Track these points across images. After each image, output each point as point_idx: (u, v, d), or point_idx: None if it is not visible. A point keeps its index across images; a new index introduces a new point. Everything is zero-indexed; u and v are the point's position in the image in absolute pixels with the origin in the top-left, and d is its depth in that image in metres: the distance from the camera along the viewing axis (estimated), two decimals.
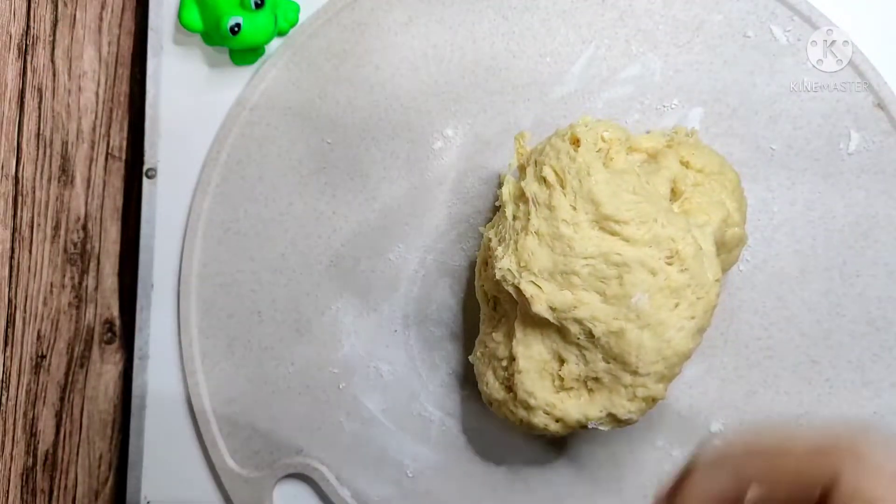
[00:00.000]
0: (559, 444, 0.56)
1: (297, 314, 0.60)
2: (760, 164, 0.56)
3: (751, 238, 0.55)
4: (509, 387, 0.52)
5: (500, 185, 0.54)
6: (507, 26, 0.58)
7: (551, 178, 0.49)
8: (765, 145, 0.56)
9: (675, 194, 0.51)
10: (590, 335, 0.49)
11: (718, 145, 0.56)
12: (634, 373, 0.48)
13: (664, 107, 0.57)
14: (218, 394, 0.60)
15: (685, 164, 0.51)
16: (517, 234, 0.50)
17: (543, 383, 0.50)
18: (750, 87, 0.56)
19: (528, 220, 0.49)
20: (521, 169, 0.53)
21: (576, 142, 0.50)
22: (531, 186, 0.50)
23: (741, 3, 0.56)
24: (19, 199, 0.54)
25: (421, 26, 0.59)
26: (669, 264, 0.48)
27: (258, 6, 0.56)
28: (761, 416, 0.55)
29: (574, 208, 0.48)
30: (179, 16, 0.58)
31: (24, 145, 0.54)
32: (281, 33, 0.60)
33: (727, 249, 0.51)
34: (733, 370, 0.56)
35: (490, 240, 0.52)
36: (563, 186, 0.49)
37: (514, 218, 0.51)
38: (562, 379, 0.50)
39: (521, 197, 0.51)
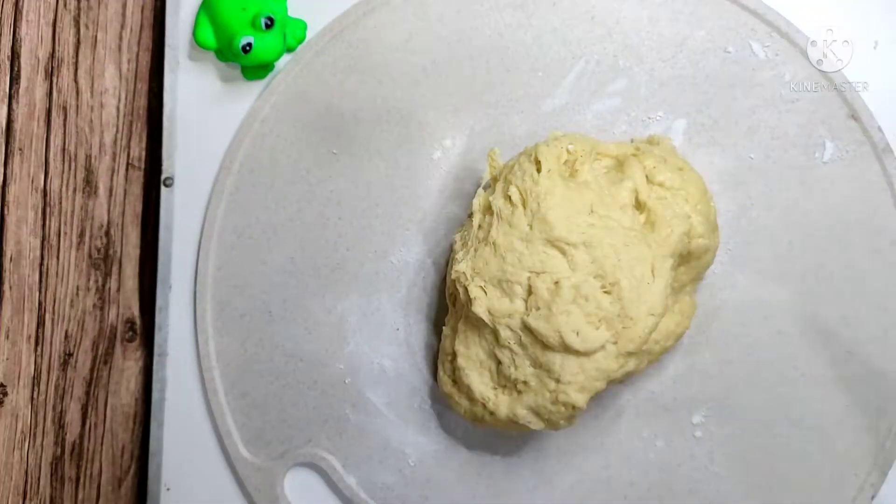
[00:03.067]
0: (550, 436, 0.58)
1: (306, 314, 0.61)
2: (740, 172, 0.58)
3: (731, 241, 0.57)
4: (454, 380, 0.55)
5: None
6: (502, 42, 0.60)
7: (515, 197, 0.52)
8: (744, 154, 0.58)
9: (639, 205, 0.53)
10: (520, 342, 0.52)
11: (700, 154, 0.57)
12: (557, 381, 0.51)
13: (649, 118, 0.59)
14: (232, 388, 0.62)
15: (649, 179, 0.53)
16: (478, 243, 0.53)
17: (482, 378, 0.53)
18: (730, 100, 0.58)
19: (490, 231, 0.52)
20: (494, 180, 0.55)
21: (539, 163, 0.53)
22: (497, 201, 0.53)
23: (722, 21, 0.58)
24: (47, 209, 0.56)
25: (420, 43, 0.61)
26: (607, 292, 0.50)
27: (268, 27, 0.58)
28: (740, 409, 0.57)
29: (531, 227, 0.51)
30: (194, 34, 0.60)
31: (51, 160, 0.56)
32: (289, 50, 0.62)
33: (695, 258, 0.54)
34: (714, 366, 0.57)
35: (455, 242, 0.55)
36: (524, 206, 0.52)
37: (479, 227, 0.54)
38: (499, 375, 0.53)
39: (488, 209, 0.54)
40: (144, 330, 0.65)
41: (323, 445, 0.61)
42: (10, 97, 0.53)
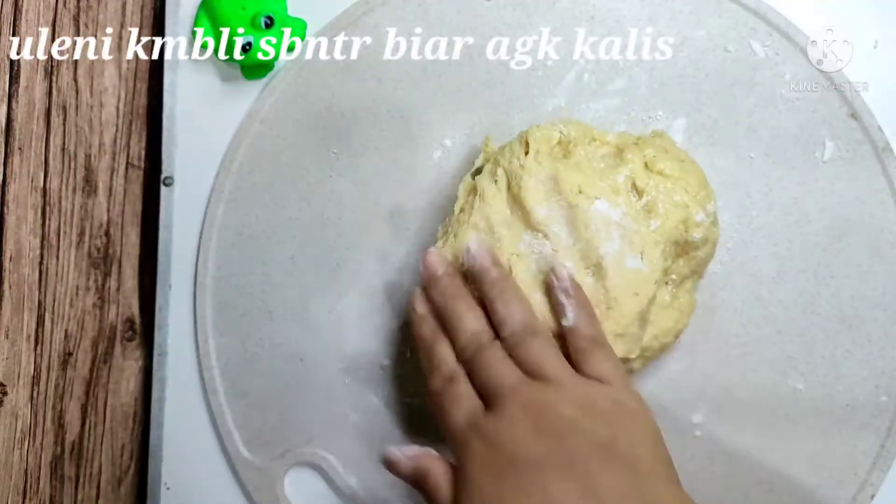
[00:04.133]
0: None
1: (306, 313, 0.61)
2: (740, 171, 0.58)
3: (731, 241, 0.57)
4: None
5: None
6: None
7: (501, 178, 0.52)
8: (744, 154, 0.58)
9: (638, 192, 0.52)
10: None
11: (700, 154, 0.57)
12: None
13: (649, 118, 0.59)
14: (232, 388, 0.62)
15: (648, 166, 0.53)
16: (458, 227, 0.53)
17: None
18: (730, 99, 0.58)
19: (472, 213, 0.52)
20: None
21: (528, 144, 0.53)
22: (483, 181, 0.53)
23: (722, 20, 0.58)
24: (47, 209, 0.56)
25: (420, 43, 0.61)
26: (592, 274, 0.50)
27: (268, 26, 0.59)
28: (740, 409, 0.57)
29: (510, 211, 0.51)
30: (194, 34, 0.61)
31: (50, 159, 0.56)
32: (289, 49, 0.61)
33: (693, 248, 0.53)
34: (714, 365, 0.57)
35: (438, 231, 0.55)
36: (508, 188, 0.52)
37: (461, 211, 0.54)
38: None
39: (472, 191, 0.54)
40: (144, 329, 0.66)
41: (323, 445, 0.61)
42: (10, 96, 0.53)
